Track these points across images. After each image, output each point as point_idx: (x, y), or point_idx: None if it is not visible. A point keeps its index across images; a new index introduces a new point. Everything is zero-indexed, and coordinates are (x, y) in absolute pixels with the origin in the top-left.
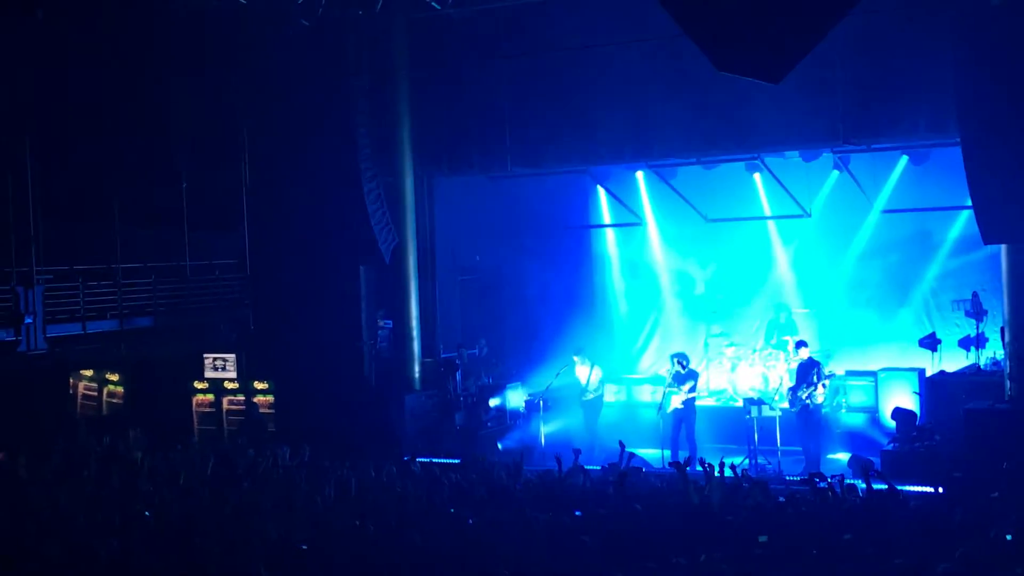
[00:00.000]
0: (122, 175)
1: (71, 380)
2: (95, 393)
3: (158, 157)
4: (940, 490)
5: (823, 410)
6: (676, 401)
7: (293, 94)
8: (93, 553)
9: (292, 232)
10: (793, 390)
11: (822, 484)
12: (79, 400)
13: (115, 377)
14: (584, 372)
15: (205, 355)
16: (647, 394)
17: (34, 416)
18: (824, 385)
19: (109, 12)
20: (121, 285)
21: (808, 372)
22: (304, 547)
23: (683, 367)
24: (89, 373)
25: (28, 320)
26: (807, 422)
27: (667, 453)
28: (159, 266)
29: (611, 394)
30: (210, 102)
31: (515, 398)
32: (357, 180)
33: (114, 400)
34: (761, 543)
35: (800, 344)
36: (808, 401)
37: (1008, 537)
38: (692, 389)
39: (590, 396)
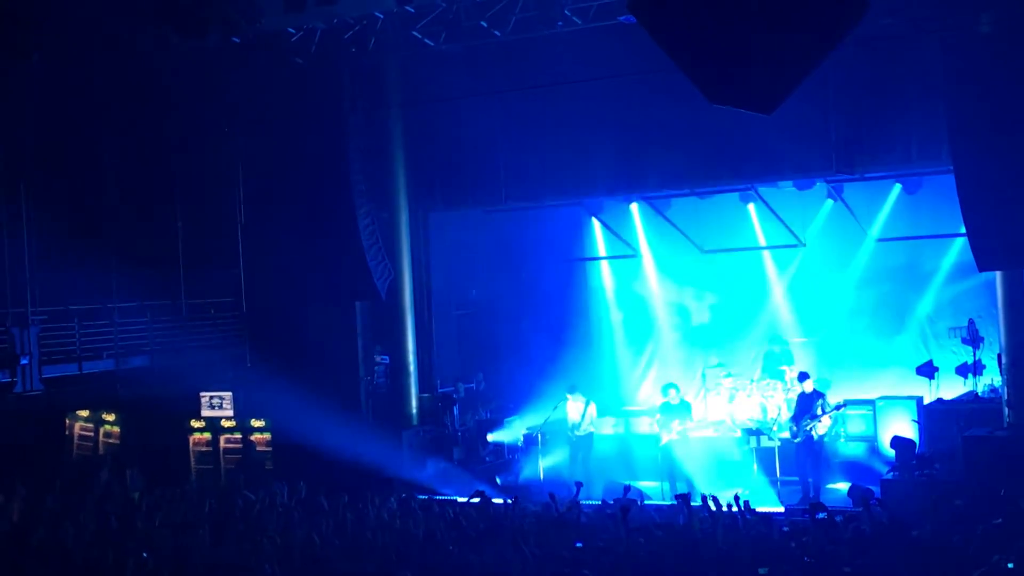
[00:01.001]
0: (118, 214)
1: (67, 421)
2: (91, 434)
3: (154, 196)
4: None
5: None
6: (672, 434)
7: (288, 131)
8: None
9: (288, 268)
10: (796, 420)
11: (821, 515)
12: (75, 441)
13: (111, 417)
14: (577, 408)
15: (202, 394)
16: (646, 426)
17: (30, 458)
18: (830, 417)
19: (105, 54)
20: (117, 324)
21: (812, 403)
22: None
23: (675, 400)
24: (85, 414)
25: (24, 361)
26: (809, 453)
27: (666, 486)
28: (155, 305)
29: (609, 427)
30: (206, 140)
31: (513, 432)
32: (352, 216)
33: (111, 440)
34: (761, 575)
35: (803, 376)
36: (812, 432)
37: (1010, 565)
38: (683, 424)
39: (581, 432)
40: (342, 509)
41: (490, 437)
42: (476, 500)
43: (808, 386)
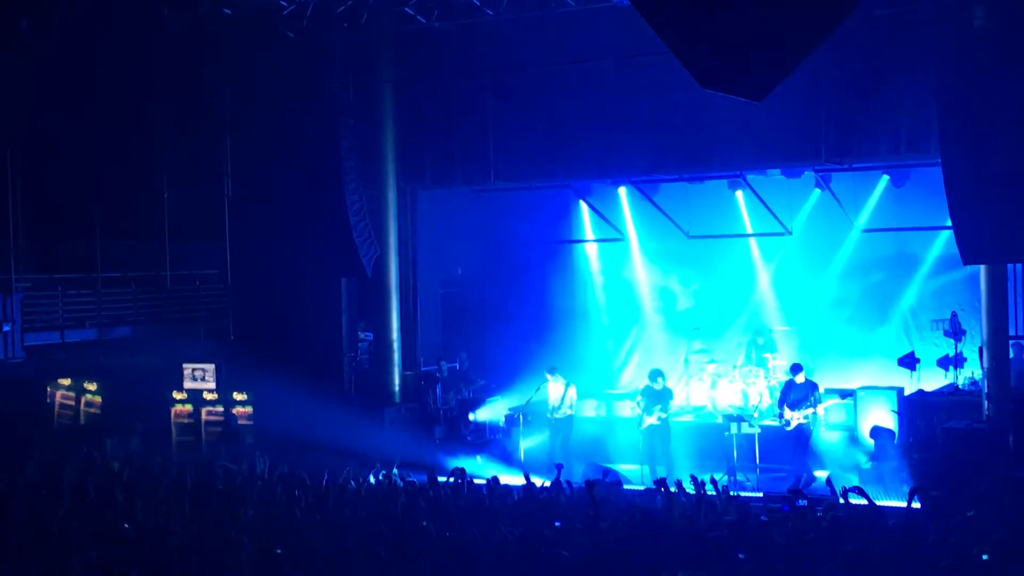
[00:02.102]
0: (104, 186)
1: (48, 389)
2: (72, 402)
3: (141, 168)
4: (915, 504)
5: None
6: (651, 419)
7: (277, 105)
8: (70, 565)
9: (274, 243)
10: (790, 405)
11: (801, 502)
12: (56, 409)
13: (93, 386)
14: (557, 390)
15: (184, 365)
16: (627, 410)
17: (10, 425)
18: (822, 407)
19: (94, 24)
20: (101, 294)
21: (808, 394)
22: (279, 551)
23: (658, 386)
24: (67, 382)
25: (6, 328)
26: (798, 442)
27: (646, 469)
28: (139, 276)
29: (591, 409)
30: (194, 113)
31: (495, 412)
32: (340, 192)
33: (92, 410)
34: (740, 560)
35: (796, 368)
36: (806, 422)
37: (984, 557)
38: (664, 409)
39: (561, 414)
40: (322, 484)
41: (472, 416)
42: (455, 479)
43: (800, 378)
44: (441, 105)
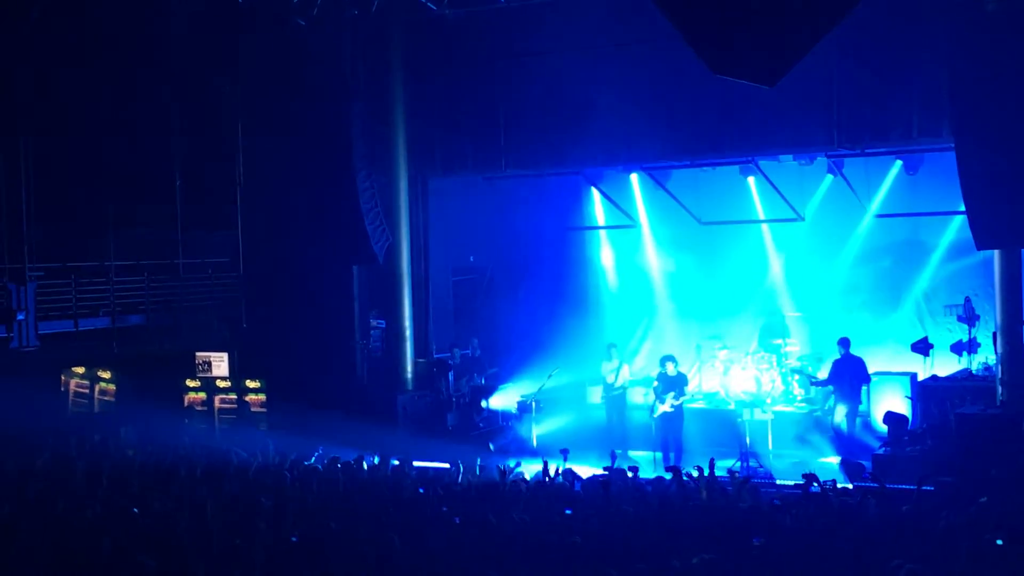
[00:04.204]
0: (117, 175)
1: (63, 378)
2: (87, 391)
3: (153, 157)
4: (924, 487)
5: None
6: (664, 405)
7: (288, 93)
8: (85, 551)
9: (286, 231)
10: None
11: (815, 488)
12: (71, 397)
13: (107, 374)
14: (613, 367)
15: (198, 353)
16: (639, 396)
17: (25, 412)
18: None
19: (104, 12)
20: (114, 282)
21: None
22: (295, 539)
23: (671, 371)
24: (81, 370)
25: (20, 317)
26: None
27: (659, 456)
28: (152, 264)
29: (640, 396)
30: (206, 101)
31: (507, 399)
32: (352, 179)
33: (106, 397)
34: (755, 545)
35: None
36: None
37: (999, 543)
38: (678, 395)
39: (617, 391)
40: (335, 471)
41: (484, 403)
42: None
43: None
44: (452, 92)
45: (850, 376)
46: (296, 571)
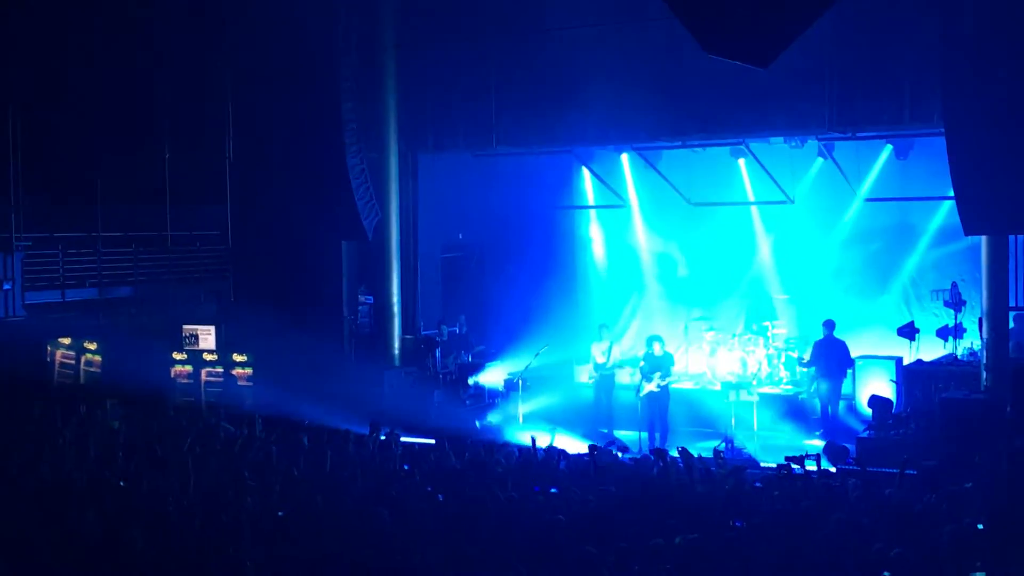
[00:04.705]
0: (106, 147)
1: (48, 348)
2: (72, 362)
3: (143, 130)
4: (907, 471)
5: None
6: (651, 385)
7: (279, 68)
8: (69, 525)
9: (275, 205)
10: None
11: (798, 470)
12: (56, 368)
13: (93, 346)
14: (601, 349)
15: (185, 326)
16: (626, 376)
17: (10, 383)
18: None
19: None
20: (102, 254)
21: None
22: (281, 514)
23: (658, 351)
24: (67, 341)
25: (7, 286)
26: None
27: (644, 436)
28: (140, 236)
29: (627, 376)
30: (195, 75)
31: (494, 377)
32: (341, 154)
33: (92, 369)
34: (736, 527)
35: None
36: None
37: (979, 527)
38: (665, 376)
39: (607, 372)
40: (322, 446)
41: (471, 380)
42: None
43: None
44: (443, 69)
45: (831, 358)
46: (283, 546)
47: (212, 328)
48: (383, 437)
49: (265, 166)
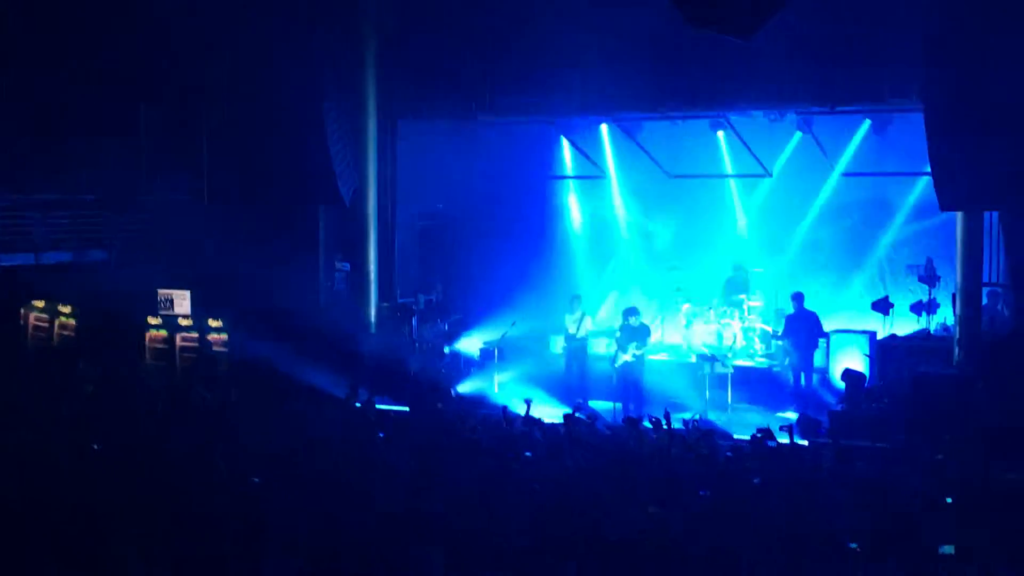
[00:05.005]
0: (83, 108)
1: (22, 311)
2: (46, 324)
3: (119, 92)
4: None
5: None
6: (627, 355)
7: (257, 32)
8: (42, 485)
9: (252, 170)
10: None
11: (770, 443)
12: (30, 331)
13: (67, 309)
14: (574, 319)
15: (160, 291)
16: (603, 347)
17: None
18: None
19: None
20: (77, 217)
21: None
22: (256, 480)
23: (634, 322)
24: (41, 304)
25: None
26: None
27: (619, 406)
28: (116, 199)
29: (603, 347)
30: (173, 37)
31: (470, 345)
32: (320, 120)
33: (66, 332)
34: (704, 496)
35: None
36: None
37: (948, 500)
38: (640, 346)
39: (578, 341)
40: (297, 412)
41: (447, 349)
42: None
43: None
44: (424, 38)
45: (803, 331)
46: (259, 512)
47: (187, 293)
48: (358, 405)
49: (243, 131)
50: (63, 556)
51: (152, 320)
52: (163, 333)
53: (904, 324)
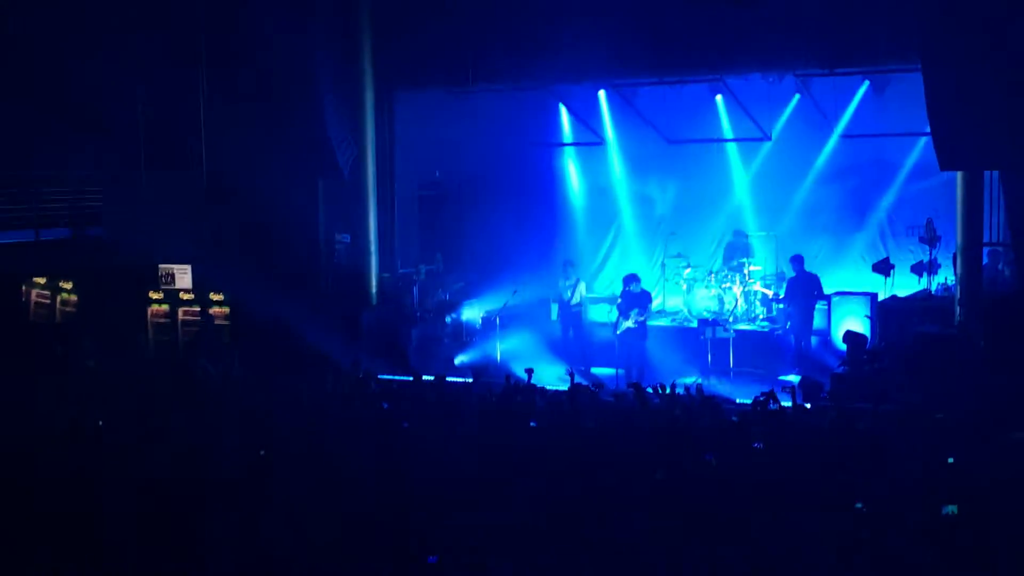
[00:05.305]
0: (80, 84)
1: (23, 288)
2: (48, 301)
3: (116, 66)
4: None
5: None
6: (628, 322)
7: (253, 4)
8: (45, 465)
9: (250, 142)
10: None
11: (773, 406)
12: (31, 308)
13: (68, 285)
14: (570, 284)
15: (161, 265)
16: (604, 314)
17: None
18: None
19: None
20: (76, 193)
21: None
22: (263, 452)
23: (635, 289)
24: (42, 281)
25: None
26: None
27: (621, 372)
28: (114, 174)
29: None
30: (170, 13)
31: (472, 314)
32: (317, 92)
33: (68, 308)
34: (708, 461)
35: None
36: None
37: (950, 460)
38: (642, 312)
39: (573, 307)
40: (299, 385)
41: (449, 319)
42: (433, 379)
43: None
44: (420, 6)
45: (805, 293)
46: (265, 485)
47: (188, 267)
48: (360, 375)
49: (241, 104)
50: (61, 535)
51: (154, 295)
52: (165, 307)
53: (905, 285)
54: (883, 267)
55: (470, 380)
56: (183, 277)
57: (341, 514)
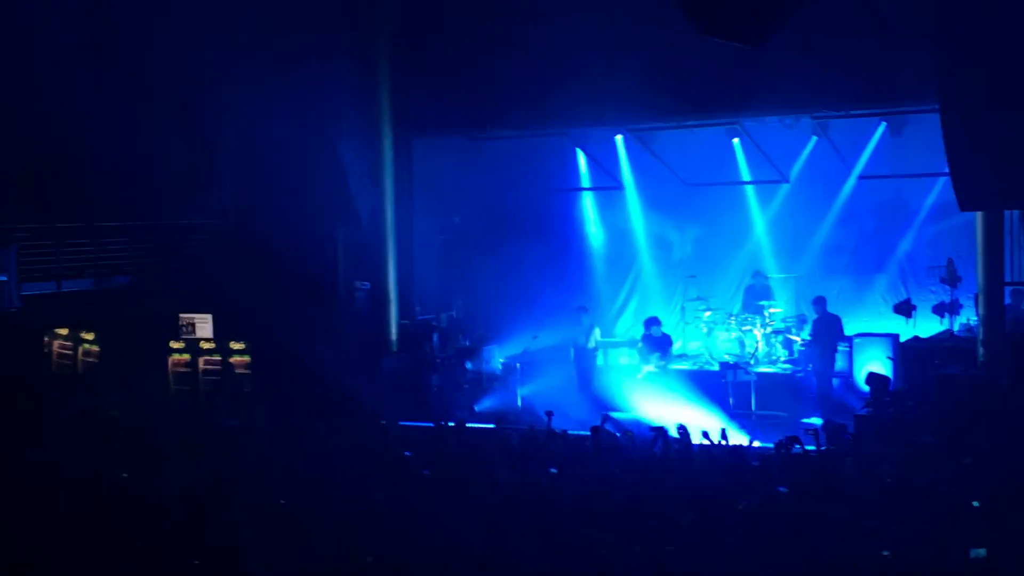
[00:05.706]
0: (101, 132)
1: (46, 339)
2: (70, 352)
3: (138, 118)
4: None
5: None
6: (649, 366)
7: (273, 51)
8: (64, 512)
9: (270, 192)
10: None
11: (796, 448)
12: (54, 359)
13: (90, 336)
14: (584, 330)
15: (181, 315)
16: (625, 358)
17: (7, 374)
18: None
19: None
20: (98, 244)
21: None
22: (283, 502)
23: (656, 332)
24: (64, 332)
25: (2, 278)
26: None
27: (644, 418)
28: (136, 225)
29: (624, 357)
30: (189, 58)
31: (492, 360)
32: (336, 140)
33: (90, 359)
34: (737, 507)
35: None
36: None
37: (975, 504)
38: (663, 356)
39: (586, 354)
40: (319, 433)
41: (469, 365)
42: (454, 425)
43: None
44: (438, 52)
45: (829, 335)
46: (279, 536)
47: (209, 317)
48: (382, 423)
49: (260, 153)
50: None
51: (175, 344)
52: (186, 357)
53: (927, 326)
54: (904, 308)
55: (491, 426)
56: (203, 326)
57: (360, 565)
